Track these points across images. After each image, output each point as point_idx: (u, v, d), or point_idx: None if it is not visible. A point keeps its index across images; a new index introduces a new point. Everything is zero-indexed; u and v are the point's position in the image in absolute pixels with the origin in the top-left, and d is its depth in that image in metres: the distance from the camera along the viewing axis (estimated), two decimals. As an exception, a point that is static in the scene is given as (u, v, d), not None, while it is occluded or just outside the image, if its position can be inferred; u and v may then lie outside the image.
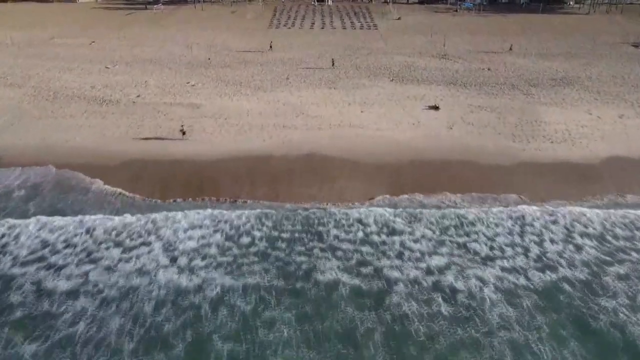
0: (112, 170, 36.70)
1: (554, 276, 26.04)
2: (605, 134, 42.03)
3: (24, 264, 27.24)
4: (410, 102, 48.86)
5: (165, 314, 23.92)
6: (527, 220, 31.10)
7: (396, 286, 25.53)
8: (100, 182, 35.36)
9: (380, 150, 39.33)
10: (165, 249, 28.57)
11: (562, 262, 27.18)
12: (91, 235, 29.58)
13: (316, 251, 28.29)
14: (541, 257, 27.68)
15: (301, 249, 28.52)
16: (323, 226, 30.48)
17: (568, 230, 29.94)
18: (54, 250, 28.34)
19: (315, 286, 25.57)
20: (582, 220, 30.86)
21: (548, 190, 34.53)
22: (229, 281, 25.95)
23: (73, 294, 25.15)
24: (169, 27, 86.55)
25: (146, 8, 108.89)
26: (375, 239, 29.33)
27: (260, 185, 35.08)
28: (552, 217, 31.42)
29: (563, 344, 22.07)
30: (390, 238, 29.35)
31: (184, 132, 40.63)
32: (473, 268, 26.88)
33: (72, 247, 28.61)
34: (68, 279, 26.17)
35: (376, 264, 27.24)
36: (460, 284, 25.59)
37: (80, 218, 31.18)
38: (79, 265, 27.26)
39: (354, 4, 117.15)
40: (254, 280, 26.03)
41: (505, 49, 70.06)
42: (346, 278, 26.10)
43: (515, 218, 31.41)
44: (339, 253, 28.14)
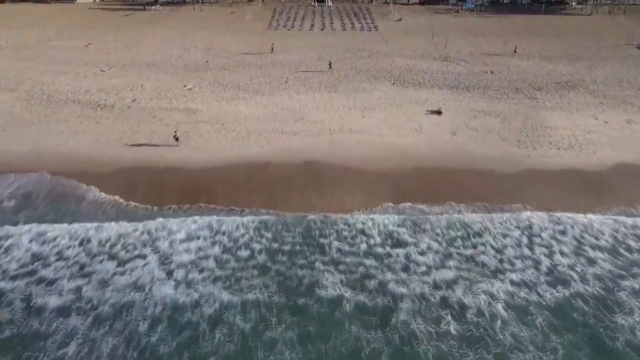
0: (107, 177, 35.61)
1: (566, 292, 24.95)
2: (613, 139, 40.99)
3: (14, 278, 26.17)
4: (412, 107, 47.78)
5: (161, 333, 22.79)
6: (535, 231, 30.03)
7: (403, 302, 24.42)
8: (94, 190, 34.27)
9: (381, 157, 38.25)
10: (161, 261, 27.44)
11: (574, 276, 26.09)
12: (85, 247, 28.48)
13: (318, 264, 27.17)
14: (552, 271, 26.60)
15: (302, 262, 27.40)
16: (325, 238, 29.37)
17: (578, 242, 28.86)
18: (45, 263, 27.26)
19: (318, 302, 24.43)
20: (592, 231, 29.81)
21: (555, 199, 33.44)
22: (228, 297, 24.82)
23: (64, 311, 24.01)
24: (167, 29, 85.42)
25: (144, 9, 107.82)
26: (380, 251, 28.22)
27: (258, 193, 33.95)
28: (561, 227, 30.37)
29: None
30: (395, 250, 28.25)
31: (177, 139, 39.57)
32: (482, 282, 25.80)
33: (64, 260, 27.52)
34: (60, 294, 25.05)
35: (381, 278, 26.12)
36: (470, 300, 24.49)
37: (74, 228, 30.14)
38: (70, 279, 26.12)
39: (354, 4, 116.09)
40: (254, 296, 24.90)
41: (507, 51, 69.02)
42: (350, 294, 25.00)
43: (522, 228, 30.35)
44: (342, 266, 27.03)
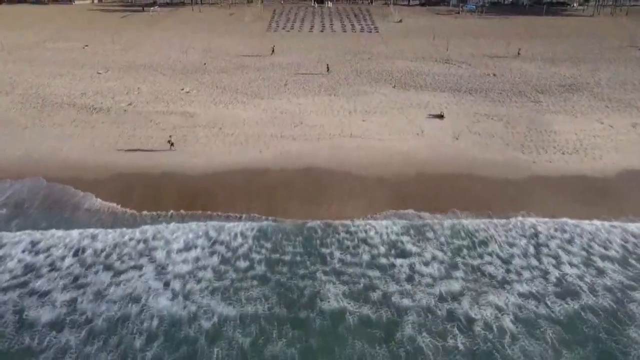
0: (102, 183, 34.73)
1: (576, 304, 24.04)
2: (619, 144, 40.14)
3: (6, 290, 25.30)
4: (413, 110, 46.93)
5: (157, 349, 21.88)
6: (542, 240, 29.14)
7: (408, 315, 23.52)
8: (89, 197, 33.36)
9: (382, 162, 37.39)
10: (158, 272, 26.54)
11: (584, 287, 25.20)
12: (79, 257, 27.59)
13: (319, 275, 26.28)
14: (561, 282, 25.71)
15: (303, 272, 26.50)
16: (326, 247, 28.45)
17: (586, 251, 27.96)
18: (39, 273, 26.37)
19: (320, 315, 23.52)
20: (600, 240, 28.92)
21: (561, 205, 32.53)
22: (226, 310, 23.90)
23: (57, 325, 23.10)
24: (165, 30, 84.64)
25: (143, 10, 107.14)
26: (383, 261, 27.31)
27: (257, 200, 33.05)
28: (567, 236, 29.47)
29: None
30: (399, 260, 27.35)
31: (172, 144, 38.69)
32: (489, 294, 24.89)
33: (58, 271, 26.62)
34: (53, 306, 24.15)
35: (385, 289, 25.21)
36: (477, 313, 23.60)
37: (69, 236, 29.33)
38: (64, 291, 25.22)
39: (354, 5, 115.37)
40: (253, 309, 23.99)
41: (510, 53, 68.20)
42: (353, 306, 24.09)
43: (528, 237, 29.46)
44: (344, 277, 26.14)
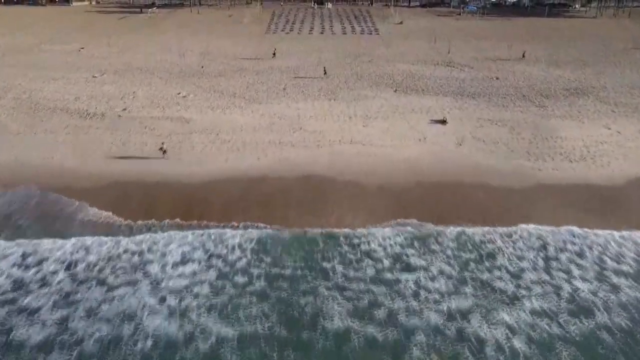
0: (94, 192, 33.57)
1: (591, 323, 22.88)
2: (627, 151, 39.00)
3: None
4: (415, 115, 45.77)
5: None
6: (551, 253, 27.97)
7: (415, 335, 22.34)
8: (82, 206, 32.17)
9: (384, 170, 36.25)
10: (153, 287, 25.39)
11: (598, 304, 24.03)
12: (71, 271, 26.43)
13: (322, 290, 25.10)
14: (574, 298, 24.52)
15: (304, 287, 25.32)
16: (328, 261, 27.23)
17: (598, 265, 26.80)
18: (28, 289, 25.21)
19: (323, 335, 22.37)
20: (611, 254, 27.77)
21: (569, 215, 31.36)
22: (224, 329, 22.69)
23: (47, 346, 21.88)
24: (163, 32, 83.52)
25: (141, 11, 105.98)
26: (388, 276, 26.14)
27: (254, 210, 31.86)
28: (577, 248, 28.35)
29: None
30: (404, 275, 26.20)
31: (164, 151, 37.53)
32: (500, 311, 23.72)
33: (49, 286, 25.47)
34: (43, 325, 22.96)
35: (390, 307, 24.03)
36: (488, 333, 22.42)
37: (62, 248, 28.23)
38: (55, 309, 24.01)
39: (354, 7, 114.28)
40: (252, 328, 22.78)
41: (512, 55, 67.08)
42: (358, 325, 22.92)
43: (537, 249, 28.32)
44: (347, 293, 24.96)
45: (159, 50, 70.04)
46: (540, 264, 27.05)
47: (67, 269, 26.67)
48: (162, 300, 24.59)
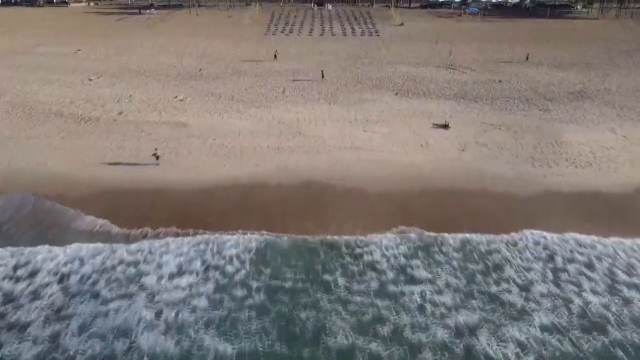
0: (88, 200, 32.61)
1: (604, 339, 21.88)
2: (635, 157, 38.07)
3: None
4: (417, 120, 44.88)
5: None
6: (559, 264, 26.99)
7: (422, 353, 21.33)
8: (75, 214, 31.18)
9: (386, 177, 35.34)
10: (149, 300, 24.39)
11: (610, 319, 23.04)
12: (64, 284, 25.45)
13: (324, 304, 24.11)
14: (585, 312, 23.51)
15: (305, 300, 24.33)
16: (329, 274, 26.20)
17: (609, 278, 25.81)
18: (19, 303, 24.19)
19: (326, 353, 21.36)
20: (621, 265, 26.80)
21: (576, 225, 30.38)
22: (222, 346, 21.65)
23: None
24: (161, 34, 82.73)
25: (140, 13, 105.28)
26: (392, 289, 25.13)
27: (253, 218, 30.85)
28: (585, 259, 27.35)
29: None
30: (409, 287, 25.21)
31: (157, 157, 36.66)
32: (509, 326, 22.70)
33: (40, 299, 24.48)
34: (34, 343, 21.92)
35: (395, 322, 23.05)
36: (497, 350, 21.39)
37: (54, 259, 27.21)
38: (46, 324, 22.97)
39: (355, 8, 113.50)
40: (252, 345, 21.75)
41: (515, 58, 66.27)
42: (362, 342, 21.93)
43: (545, 260, 27.34)
44: (351, 307, 23.97)
45: (157, 53, 69.22)
46: (549, 275, 26.07)
47: (60, 281, 25.67)
48: (159, 314, 23.63)
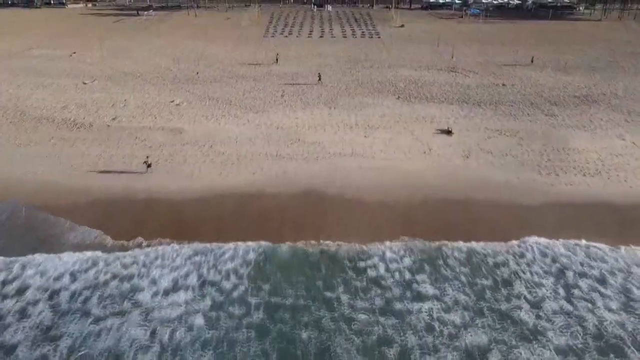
0: (80, 209, 31.40)
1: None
2: (645, 164, 36.89)
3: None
4: (419, 125, 43.61)
5: None
6: (570, 279, 25.75)
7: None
8: (66, 225, 29.96)
9: (387, 186, 34.10)
10: (142, 318, 23.19)
11: (626, 339, 21.88)
12: (54, 301, 24.22)
13: (326, 323, 22.91)
14: (600, 332, 22.33)
15: (307, 319, 23.13)
16: (331, 290, 24.98)
17: (624, 295, 24.60)
18: (6, 323, 23.02)
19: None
20: (636, 280, 25.59)
21: (586, 237, 29.06)
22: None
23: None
24: (158, 36, 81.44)
25: (137, 14, 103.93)
26: (398, 306, 23.94)
27: (250, 229, 29.59)
28: (597, 273, 26.15)
29: None
30: (416, 305, 24.02)
31: (149, 165, 35.41)
32: (521, 348, 21.56)
33: (28, 318, 23.28)
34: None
35: (403, 343, 21.86)
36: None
37: (44, 272, 26.09)
38: (34, 346, 21.80)
39: (355, 9, 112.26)
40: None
41: (518, 60, 64.98)
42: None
43: (556, 275, 26.11)
44: (355, 326, 22.79)
45: (154, 55, 67.94)
46: (561, 292, 24.82)
47: (50, 298, 24.41)
48: (153, 334, 22.41)
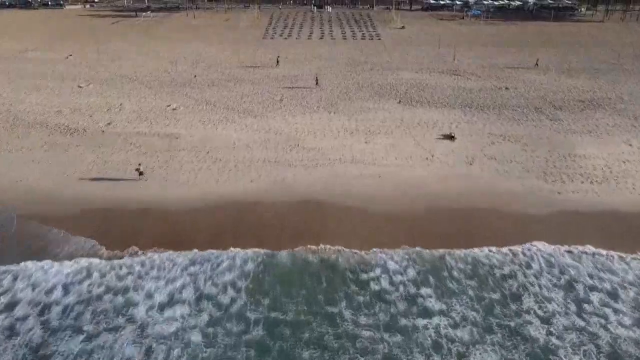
0: (72, 219, 30.28)
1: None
2: (654, 171, 35.89)
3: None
4: (421, 130, 42.61)
5: None
6: (581, 293, 24.73)
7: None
8: (58, 235, 28.88)
9: (389, 194, 33.12)
10: (138, 334, 22.20)
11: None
12: (45, 317, 23.18)
13: (329, 340, 21.95)
14: (615, 351, 21.36)
15: (308, 336, 22.17)
16: (333, 305, 23.98)
17: (638, 310, 23.61)
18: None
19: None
20: (648, 295, 24.66)
21: (594, 246, 28.04)
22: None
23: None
24: (156, 38, 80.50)
25: (136, 15, 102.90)
26: (403, 322, 22.96)
27: (248, 239, 28.46)
28: (609, 287, 25.16)
29: None
30: (422, 321, 23.04)
31: (141, 172, 34.37)
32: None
33: (17, 336, 22.19)
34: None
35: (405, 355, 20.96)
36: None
37: (35, 285, 25.06)
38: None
39: (355, 10, 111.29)
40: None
41: (521, 63, 64.04)
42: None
43: (565, 288, 25.09)
44: (359, 344, 21.80)
45: (151, 58, 66.97)
46: (572, 308, 23.78)
47: (41, 313, 23.33)
48: (148, 351, 21.40)
